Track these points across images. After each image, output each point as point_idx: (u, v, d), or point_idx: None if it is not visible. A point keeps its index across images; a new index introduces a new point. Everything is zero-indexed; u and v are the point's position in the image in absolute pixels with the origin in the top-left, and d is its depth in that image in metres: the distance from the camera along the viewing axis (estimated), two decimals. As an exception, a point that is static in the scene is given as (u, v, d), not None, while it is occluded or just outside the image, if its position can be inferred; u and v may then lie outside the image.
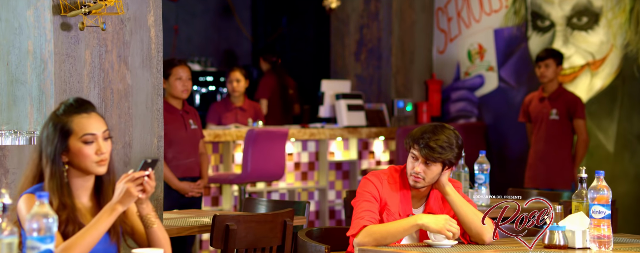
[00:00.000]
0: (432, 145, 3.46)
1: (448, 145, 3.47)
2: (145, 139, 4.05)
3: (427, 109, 8.65)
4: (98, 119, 2.98)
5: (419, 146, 3.48)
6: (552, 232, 3.43)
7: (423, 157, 3.48)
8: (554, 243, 3.42)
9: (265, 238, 4.17)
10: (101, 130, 2.96)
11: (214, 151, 7.17)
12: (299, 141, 7.58)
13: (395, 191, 3.56)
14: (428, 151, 3.46)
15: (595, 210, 3.34)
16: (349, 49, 8.76)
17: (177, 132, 5.85)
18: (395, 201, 3.54)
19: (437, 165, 3.49)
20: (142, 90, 4.05)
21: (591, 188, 3.36)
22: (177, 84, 5.87)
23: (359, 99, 8.12)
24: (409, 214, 3.54)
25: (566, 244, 3.42)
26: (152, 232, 3.02)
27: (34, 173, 2.94)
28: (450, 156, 3.47)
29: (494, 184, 7.60)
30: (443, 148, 3.45)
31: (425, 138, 3.48)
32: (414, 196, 3.60)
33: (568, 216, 3.48)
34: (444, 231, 3.31)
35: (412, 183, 3.53)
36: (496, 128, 8.55)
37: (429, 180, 3.51)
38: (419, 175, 3.49)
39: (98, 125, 2.96)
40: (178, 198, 5.83)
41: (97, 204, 3.00)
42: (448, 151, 3.46)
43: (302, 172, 7.63)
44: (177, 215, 4.65)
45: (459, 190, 3.65)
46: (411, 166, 3.52)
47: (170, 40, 9.59)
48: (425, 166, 3.49)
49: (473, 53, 8.70)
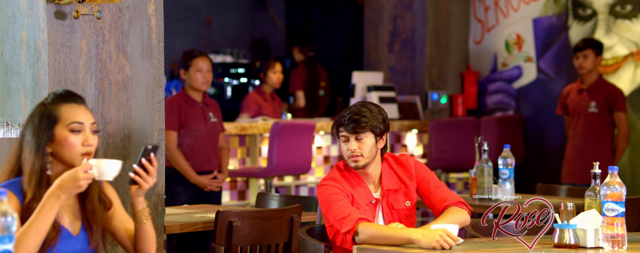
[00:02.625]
0: (355, 117, 3.49)
1: (369, 113, 3.50)
2: (146, 132, 3.92)
3: (462, 102, 8.42)
4: (87, 112, 2.86)
5: (343, 126, 3.50)
6: (562, 230, 3.21)
7: (351, 132, 3.49)
8: (564, 242, 3.21)
9: (271, 235, 4.01)
10: (89, 121, 2.84)
11: (240, 144, 7.05)
12: (328, 134, 7.41)
13: (352, 185, 3.54)
14: (353, 125, 3.47)
15: (608, 208, 3.12)
16: (382, 40, 8.57)
17: (196, 125, 5.73)
18: (357, 194, 3.52)
19: (368, 136, 3.49)
20: (142, 81, 3.92)
21: (604, 184, 3.13)
22: (197, 76, 5.75)
23: (392, 92, 7.92)
24: (371, 200, 3.52)
25: (577, 243, 3.20)
26: (142, 228, 2.89)
27: (12, 166, 2.82)
28: (376, 122, 3.48)
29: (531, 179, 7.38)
30: (366, 117, 3.47)
31: (345, 116, 3.52)
32: (368, 182, 3.57)
33: (580, 214, 3.26)
34: (434, 245, 3.14)
35: (353, 164, 3.51)
36: (534, 121, 8.29)
37: (368, 154, 3.50)
38: (355, 152, 3.48)
39: (87, 116, 2.84)
40: (197, 192, 5.71)
41: (81, 203, 2.86)
42: (371, 119, 3.48)
43: (331, 166, 7.47)
44: (184, 210, 4.52)
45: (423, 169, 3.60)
46: (345, 149, 3.51)
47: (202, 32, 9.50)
48: (358, 142, 3.48)
49: (511, 43, 8.45)
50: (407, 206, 3.58)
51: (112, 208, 2.92)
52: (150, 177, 2.83)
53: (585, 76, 7.00)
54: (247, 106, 7.42)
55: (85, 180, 2.68)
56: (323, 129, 7.28)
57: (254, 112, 7.36)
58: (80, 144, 2.79)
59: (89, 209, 2.84)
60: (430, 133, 7.55)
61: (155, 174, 2.84)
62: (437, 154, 7.50)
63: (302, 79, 8.38)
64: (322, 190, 3.53)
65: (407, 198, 3.59)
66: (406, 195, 3.59)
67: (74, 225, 2.84)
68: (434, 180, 3.60)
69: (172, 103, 5.77)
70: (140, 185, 2.83)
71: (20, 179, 2.78)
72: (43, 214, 2.65)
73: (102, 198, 2.89)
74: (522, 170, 8.14)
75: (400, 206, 3.57)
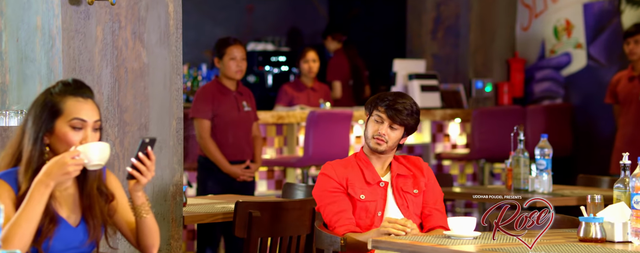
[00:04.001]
0: (398, 107, 3.46)
1: (411, 110, 3.49)
2: (163, 121, 3.85)
3: (508, 90, 8.22)
4: (93, 107, 2.77)
5: (384, 108, 3.47)
6: (588, 224, 3.06)
7: (389, 118, 3.47)
8: (590, 236, 3.05)
9: (293, 227, 3.92)
10: (93, 119, 2.75)
11: (277, 133, 6.98)
12: (368, 124, 7.28)
13: (353, 168, 3.54)
14: (394, 113, 3.46)
15: (637, 200, 2.95)
16: (425, 27, 8.41)
17: (229, 114, 5.67)
18: (358, 175, 3.51)
19: (400, 130, 3.49)
20: (160, 69, 3.85)
21: (633, 176, 2.97)
22: (230, 64, 5.68)
23: (434, 80, 7.77)
24: (379, 182, 3.51)
25: (604, 237, 3.05)
26: (143, 222, 2.81)
27: (14, 152, 2.76)
28: (412, 121, 3.50)
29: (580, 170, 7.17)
30: (408, 111, 3.47)
31: (390, 99, 3.48)
32: (377, 167, 3.56)
33: (608, 207, 3.10)
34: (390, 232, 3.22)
35: (373, 145, 3.50)
36: (584, 110, 8.06)
37: (391, 143, 3.50)
38: (382, 137, 3.47)
39: (91, 113, 2.75)
40: (229, 182, 5.65)
41: (80, 195, 2.80)
42: (410, 116, 3.48)
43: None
44: (207, 201, 4.45)
45: (430, 176, 3.60)
46: (374, 129, 3.49)
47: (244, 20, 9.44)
48: (389, 129, 3.48)
49: (560, 29, 8.22)
50: (415, 194, 3.55)
51: (115, 201, 2.85)
52: (148, 171, 2.74)
53: (636, 63, 6.78)
54: (280, 97, 7.36)
55: (73, 167, 2.61)
56: (362, 118, 7.17)
57: (286, 103, 7.29)
58: (79, 142, 2.72)
59: (86, 201, 2.77)
60: (474, 122, 7.38)
61: (154, 168, 2.76)
62: (480, 144, 7.33)
63: (338, 68, 8.26)
64: (319, 181, 3.56)
65: (416, 187, 3.57)
66: (414, 183, 3.58)
67: (72, 217, 2.77)
68: (440, 195, 3.62)
69: (206, 92, 5.72)
70: (138, 180, 2.74)
71: (17, 169, 2.72)
72: (32, 203, 2.59)
73: (103, 191, 2.82)
74: (571, 160, 7.93)
75: (409, 190, 3.55)
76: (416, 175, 3.59)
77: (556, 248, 3.00)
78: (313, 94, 7.47)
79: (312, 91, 7.45)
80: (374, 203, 3.48)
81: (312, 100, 7.43)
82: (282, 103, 7.37)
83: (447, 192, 5.20)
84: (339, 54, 8.33)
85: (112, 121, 3.72)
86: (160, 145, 3.83)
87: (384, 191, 3.54)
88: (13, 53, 3.74)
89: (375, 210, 3.48)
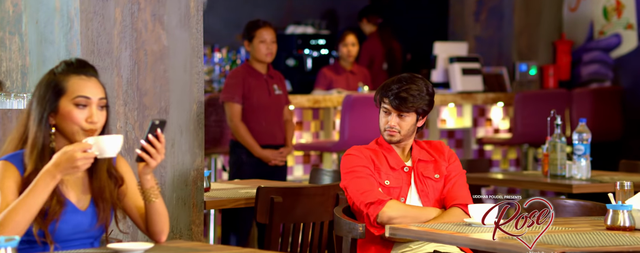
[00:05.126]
0: (402, 95, 3.39)
1: (418, 93, 3.41)
2: (184, 104, 3.82)
3: (553, 73, 8.06)
4: (97, 85, 2.76)
5: (389, 99, 3.41)
6: (616, 211, 2.96)
7: (395, 109, 3.41)
8: (617, 224, 2.96)
9: (315, 213, 3.88)
10: (97, 96, 2.74)
11: (314, 117, 6.93)
12: (406, 108, 7.19)
13: (377, 153, 3.50)
14: (399, 102, 3.40)
15: (666, 188, 2.84)
16: (468, 9, 8.27)
17: (259, 97, 5.64)
18: (382, 160, 3.47)
19: (411, 115, 3.44)
20: (180, 52, 3.81)
21: (663, 162, 2.86)
22: (260, 47, 5.65)
23: (476, 63, 7.64)
24: (403, 167, 3.47)
25: (633, 225, 2.95)
26: (152, 206, 2.78)
27: (21, 134, 2.75)
28: (422, 104, 3.44)
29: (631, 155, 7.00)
30: (414, 97, 3.39)
31: (394, 89, 3.41)
32: (398, 152, 3.52)
33: (637, 194, 2.99)
34: None
35: (387, 138, 3.46)
36: (635, 93, 7.86)
37: (405, 132, 3.45)
38: (394, 128, 3.43)
39: (95, 90, 2.74)
40: (260, 167, 5.62)
41: (89, 178, 2.78)
42: (419, 99, 3.42)
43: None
44: (232, 185, 4.43)
45: (456, 165, 3.52)
46: (384, 121, 3.46)
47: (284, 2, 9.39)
48: (399, 119, 3.42)
49: (609, 10, 8.03)
50: (436, 178, 3.49)
51: (124, 185, 2.83)
52: (158, 154, 2.71)
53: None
54: (318, 81, 7.32)
55: (83, 160, 2.58)
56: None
57: (325, 87, 7.25)
58: (84, 120, 2.70)
59: (95, 185, 2.76)
60: (516, 106, 7.25)
61: (164, 150, 2.73)
62: (523, 129, 7.20)
63: (371, 52, 8.16)
64: (346, 159, 3.49)
65: (437, 172, 3.51)
66: (436, 168, 3.52)
67: (82, 200, 2.76)
68: (462, 176, 3.55)
69: (236, 75, 5.70)
70: (148, 162, 2.72)
71: (23, 151, 2.71)
72: (35, 192, 2.58)
73: (113, 174, 2.80)
74: (621, 145, 7.76)
75: (430, 175, 3.50)
76: (437, 159, 3.52)
77: (579, 237, 2.92)
78: (352, 77, 7.42)
79: (351, 74, 7.40)
80: (397, 189, 3.43)
81: (351, 84, 7.38)
82: (320, 87, 7.33)
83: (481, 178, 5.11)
84: (373, 37, 8.24)
85: (131, 105, 3.71)
86: (181, 129, 3.81)
87: (408, 176, 3.48)
88: (33, 35, 3.74)
89: (399, 196, 3.43)
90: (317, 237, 3.92)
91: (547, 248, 2.77)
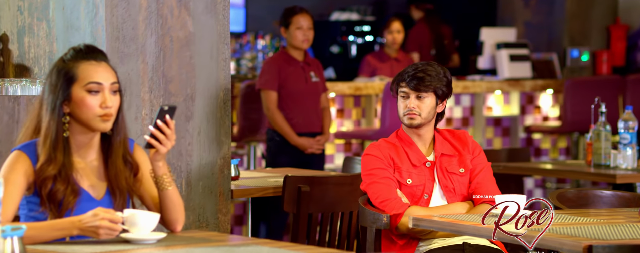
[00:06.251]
0: (419, 75, 3.38)
1: (435, 74, 3.40)
2: (210, 91, 3.82)
3: (607, 59, 7.90)
4: (107, 70, 2.77)
5: (405, 82, 3.40)
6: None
7: (413, 90, 3.39)
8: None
9: (344, 202, 3.85)
10: (109, 81, 2.75)
11: (355, 105, 6.90)
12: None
13: (397, 149, 3.45)
14: (417, 82, 3.37)
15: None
16: (518, -6, 8.16)
17: (296, 85, 5.63)
18: (403, 157, 3.42)
19: (430, 96, 3.40)
20: (206, 38, 3.81)
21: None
22: (297, 34, 5.63)
23: (524, 49, 7.52)
24: (425, 162, 3.44)
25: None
26: (165, 194, 2.78)
27: (35, 124, 2.78)
28: (440, 84, 3.41)
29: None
30: (431, 77, 3.38)
31: (410, 71, 3.41)
32: (420, 145, 3.47)
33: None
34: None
35: (407, 122, 3.42)
36: (694, 80, 7.66)
37: (425, 115, 3.41)
38: (413, 110, 3.39)
39: (106, 75, 2.75)
40: (297, 155, 5.62)
41: (105, 166, 2.79)
42: (436, 80, 3.39)
43: (454, 128, 7.18)
44: (263, 174, 4.42)
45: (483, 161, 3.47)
46: (403, 106, 3.42)
47: (328, -12, 9.36)
48: (418, 101, 3.39)
49: (666, -7, 7.85)
50: (461, 173, 3.43)
51: (140, 172, 2.83)
52: (167, 140, 2.71)
53: None
54: (362, 68, 7.28)
55: (106, 232, 2.57)
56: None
57: (369, 74, 7.21)
58: (98, 106, 2.71)
59: (111, 172, 2.77)
60: (566, 93, 7.12)
61: (174, 137, 2.73)
62: (573, 117, 7.07)
63: (419, 38, 8.09)
64: (364, 161, 3.46)
65: (461, 166, 3.45)
66: (460, 162, 3.46)
67: (97, 189, 2.77)
68: (488, 169, 3.49)
69: (272, 62, 5.69)
70: (157, 149, 2.72)
71: (36, 141, 2.73)
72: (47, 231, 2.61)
73: (128, 161, 2.81)
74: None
75: (454, 170, 3.44)
76: (462, 152, 3.47)
77: (610, 229, 2.85)
78: (397, 65, 7.35)
79: (395, 62, 7.34)
80: (421, 187, 3.38)
81: (396, 71, 7.27)
82: (364, 74, 7.29)
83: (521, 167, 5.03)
84: (421, 23, 8.17)
85: (157, 92, 3.72)
86: (207, 117, 3.81)
87: (431, 171, 3.43)
88: (59, 21, 3.77)
89: (422, 194, 3.37)
90: (345, 227, 3.89)
91: (574, 240, 2.71)
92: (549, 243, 2.78)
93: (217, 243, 2.61)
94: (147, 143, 2.72)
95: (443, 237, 3.35)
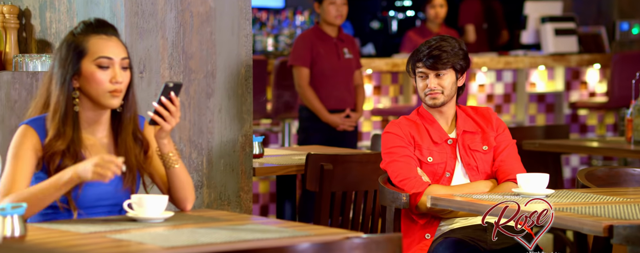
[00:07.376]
0: (435, 53, 3.37)
1: (451, 49, 3.38)
2: (231, 68, 3.82)
3: (658, 32, 7.72)
4: (118, 45, 2.77)
5: (422, 61, 3.37)
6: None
7: (431, 68, 3.36)
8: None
9: (367, 181, 3.84)
10: (119, 56, 2.75)
11: (392, 81, 6.86)
12: (492, 71, 7.03)
13: (418, 127, 3.41)
14: (434, 60, 3.35)
15: None
16: (566, -36, 7.99)
17: (328, 61, 5.61)
18: (424, 135, 3.40)
19: (449, 73, 3.38)
20: (227, 13, 3.80)
21: None
22: (330, 9, 5.61)
23: (571, 22, 7.38)
24: (446, 140, 3.40)
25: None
26: (173, 173, 2.79)
27: (45, 99, 2.79)
28: (457, 59, 3.39)
29: None
30: (447, 53, 3.37)
31: (425, 50, 3.38)
32: (441, 122, 3.44)
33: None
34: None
35: (430, 102, 3.39)
36: None
37: (448, 92, 3.39)
38: (435, 90, 3.36)
39: (117, 50, 2.76)
40: (329, 132, 5.61)
41: (115, 142, 2.81)
42: (452, 55, 3.37)
43: (495, 105, 7.10)
44: (288, 152, 4.41)
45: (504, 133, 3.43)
46: (423, 86, 3.39)
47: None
48: (438, 79, 3.36)
49: None
50: (484, 150, 3.38)
51: (150, 150, 2.84)
52: (172, 117, 2.71)
53: None
54: (404, 44, 7.23)
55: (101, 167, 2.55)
56: (486, 65, 6.92)
57: (411, 50, 7.12)
58: (108, 81, 2.72)
59: (121, 148, 2.78)
60: (614, 68, 6.99)
61: (178, 114, 2.72)
62: (620, 92, 6.94)
63: (472, 11, 8.00)
64: (385, 139, 3.43)
65: (485, 143, 3.41)
66: (483, 139, 3.42)
67: (105, 166, 2.78)
68: (513, 146, 3.45)
69: (305, 38, 5.67)
70: (162, 126, 2.72)
71: (45, 116, 2.75)
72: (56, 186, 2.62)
73: (138, 137, 2.82)
74: None
75: (477, 148, 3.39)
76: (485, 129, 3.43)
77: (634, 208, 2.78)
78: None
79: (439, 37, 7.27)
80: (442, 165, 3.34)
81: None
82: (406, 50, 7.23)
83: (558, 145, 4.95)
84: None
85: (177, 68, 3.72)
86: (228, 94, 3.81)
87: (453, 149, 3.39)
88: (79, -4, 3.79)
89: (443, 172, 3.34)
90: (370, 206, 3.87)
91: (595, 220, 2.66)
92: (568, 224, 2.73)
93: (224, 223, 2.60)
94: (150, 120, 2.72)
95: (465, 216, 3.32)
